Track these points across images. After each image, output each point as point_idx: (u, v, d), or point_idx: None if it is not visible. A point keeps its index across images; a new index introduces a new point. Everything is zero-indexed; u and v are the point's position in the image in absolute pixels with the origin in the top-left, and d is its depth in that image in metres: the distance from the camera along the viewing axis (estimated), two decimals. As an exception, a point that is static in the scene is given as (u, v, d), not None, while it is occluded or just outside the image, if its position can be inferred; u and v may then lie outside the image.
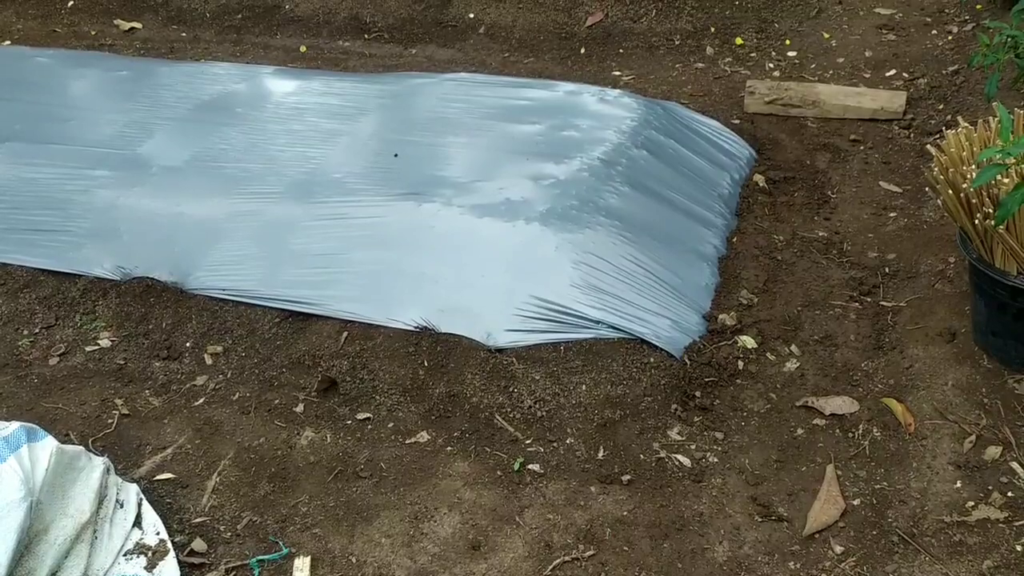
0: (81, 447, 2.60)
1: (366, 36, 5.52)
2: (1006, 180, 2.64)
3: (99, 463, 2.59)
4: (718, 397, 3.02)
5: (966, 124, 2.93)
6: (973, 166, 2.74)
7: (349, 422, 3.01)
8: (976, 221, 2.77)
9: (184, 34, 5.73)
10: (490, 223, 3.39)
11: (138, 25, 5.87)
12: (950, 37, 4.81)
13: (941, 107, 4.33)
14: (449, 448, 2.90)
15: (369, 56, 5.28)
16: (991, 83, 3.38)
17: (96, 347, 3.39)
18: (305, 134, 4.08)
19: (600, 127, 3.93)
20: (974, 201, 2.74)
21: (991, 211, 2.67)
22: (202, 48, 5.51)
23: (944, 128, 4.14)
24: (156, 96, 4.47)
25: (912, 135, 4.22)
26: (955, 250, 3.42)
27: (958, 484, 2.66)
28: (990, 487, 2.64)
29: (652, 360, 3.06)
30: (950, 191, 2.80)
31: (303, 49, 5.41)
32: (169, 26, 5.83)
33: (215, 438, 2.98)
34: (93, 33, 5.79)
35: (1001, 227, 2.66)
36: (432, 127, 4.04)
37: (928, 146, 3.16)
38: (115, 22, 5.91)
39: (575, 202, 3.45)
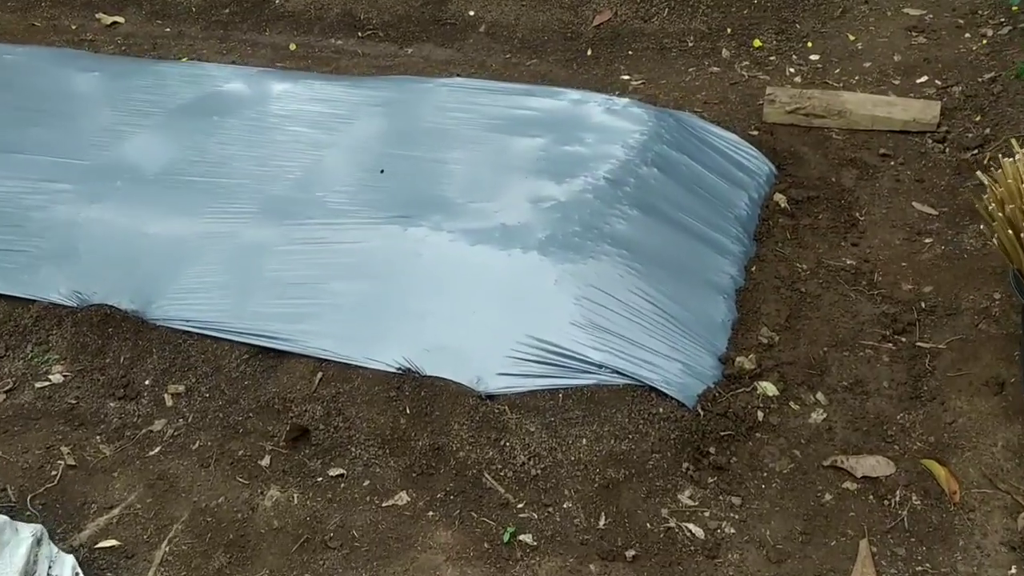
0: (7, 518, 2.28)
1: (360, 34, 5.17)
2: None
3: (27, 535, 2.28)
4: (735, 454, 2.69)
5: (1022, 150, 2.58)
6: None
7: (320, 479, 2.69)
8: (1036, 264, 2.43)
9: (168, 29, 5.39)
10: (483, 251, 3.05)
11: (121, 19, 5.54)
12: (984, 41, 4.44)
13: (978, 119, 3.97)
14: (431, 513, 2.58)
15: (362, 55, 4.94)
16: (1042, 98, 3.03)
17: (47, 383, 3.07)
18: (287, 145, 3.75)
19: (607, 141, 3.58)
20: (1035, 242, 2.41)
21: (1055, 254, 2.34)
22: (187, 44, 5.17)
23: (983, 144, 3.81)
24: (128, 99, 4.13)
25: (947, 149, 3.86)
26: (1000, 284, 3.08)
27: (1013, 570, 2.32)
28: (1050, 574, 2.31)
29: (661, 410, 2.73)
30: (1009, 231, 2.45)
31: (293, 47, 5.07)
32: (153, 21, 5.50)
33: (168, 496, 2.66)
34: (74, 27, 5.47)
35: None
36: (425, 139, 3.70)
37: (979, 173, 2.81)
38: (97, 16, 5.58)
39: (578, 228, 3.11)
